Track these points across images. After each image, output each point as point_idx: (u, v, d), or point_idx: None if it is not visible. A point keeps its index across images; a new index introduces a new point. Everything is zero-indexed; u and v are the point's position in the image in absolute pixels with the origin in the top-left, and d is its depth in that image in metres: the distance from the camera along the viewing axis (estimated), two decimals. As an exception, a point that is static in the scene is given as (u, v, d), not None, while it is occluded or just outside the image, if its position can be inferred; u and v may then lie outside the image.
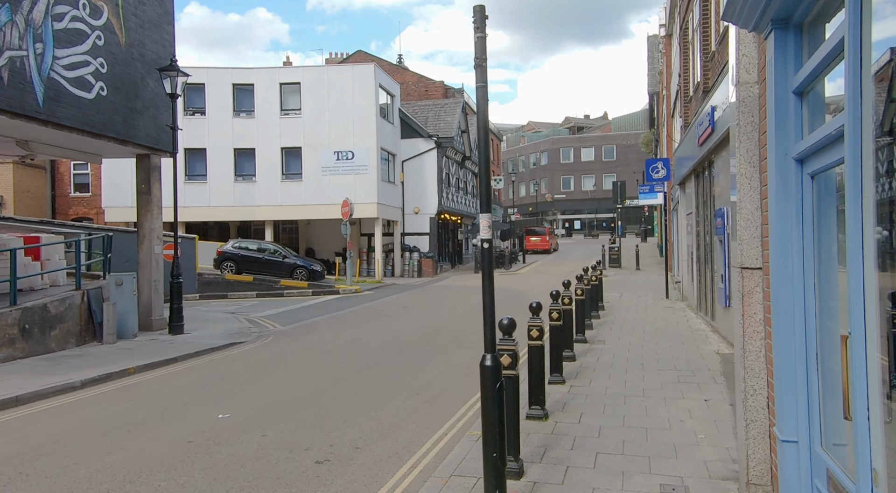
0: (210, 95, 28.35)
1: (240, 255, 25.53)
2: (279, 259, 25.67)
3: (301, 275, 25.30)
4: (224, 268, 25.19)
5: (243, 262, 25.29)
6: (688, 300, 16.99)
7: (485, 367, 4.30)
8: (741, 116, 4.35)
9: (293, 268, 25.46)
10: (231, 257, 25.43)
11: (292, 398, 8.00)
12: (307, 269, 25.51)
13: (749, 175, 4.33)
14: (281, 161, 28.69)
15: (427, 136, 32.23)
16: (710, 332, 12.25)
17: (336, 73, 28.52)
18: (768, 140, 3.79)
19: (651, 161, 18.22)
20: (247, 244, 26.26)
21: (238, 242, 26.45)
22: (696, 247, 15.11)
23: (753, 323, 4.29)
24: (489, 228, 4.28)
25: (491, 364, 4.29)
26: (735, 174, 4.49)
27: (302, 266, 25.58)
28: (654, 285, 22.38)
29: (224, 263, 25.33)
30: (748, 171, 4.34)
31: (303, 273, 25.34)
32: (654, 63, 41.77)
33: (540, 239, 46.57)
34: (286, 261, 25.67)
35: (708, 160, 12.98)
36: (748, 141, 4.33)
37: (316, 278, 25.45)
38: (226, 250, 25.80)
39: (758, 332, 4.28)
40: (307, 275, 25.32)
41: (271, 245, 26.70)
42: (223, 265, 25.29)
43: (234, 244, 26.14)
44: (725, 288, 10.96)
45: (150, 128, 13.55)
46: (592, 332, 12.36)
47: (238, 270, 25.16)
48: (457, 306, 18.87)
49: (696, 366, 9.19)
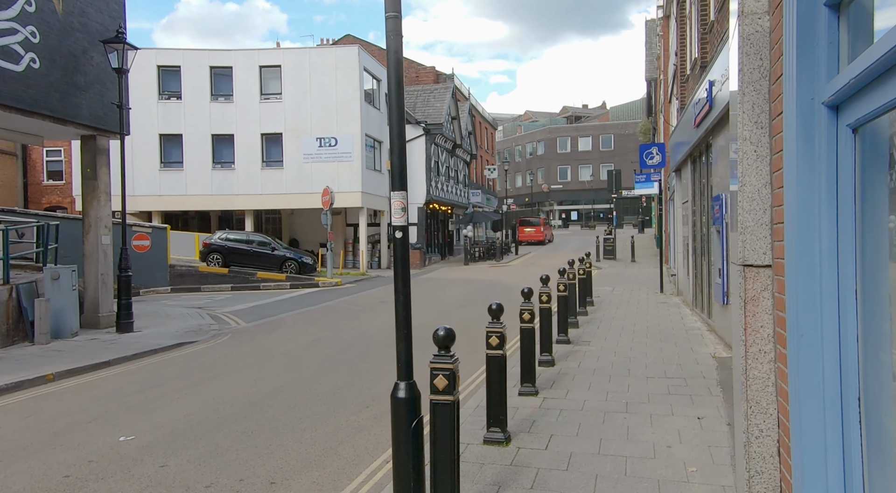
0: (186, 79, 27.10)
1: (227, 247, 24.30)
2: (268, 251, 24.44)
3: (291, 268, 24.09)
4: (211, 261, 24.00)
5: (230, 254, 24.07)
6: (683, 295, 15.89)
7: (397, 400, 3.18)
8: (746, 59, 3.21)
9: (282, 261, 24.25)
10: (218, 249, 24.21)
11: (218, 414, 6.88)
12: (297, 261, 24.31)
13: (755, 140, 3.20)
14: (261, 148, 27.49)
15: (415, 122, 31.01)
16: (707, 331, 11.15)
17: (318, 56, 27.26)
18: (786, 83, 2.64)
19: (645, 146, 17.06)
20: (234, 236, 25.01)
21: (225, 234, 25.23)
22: (692, 238, 13.99)
23: (759, 340, 3.17)
24: (403, 212, 3.14)
25: (405, 396, 3.17)
26: (736, 142, 3.36)
27: (292, 259, 24.36)
28: (649, 279, 21.28)
29: (210, 255, 24.13)
30: (754, 134, 3.20)
31: (293, 266, 24.14)
32: (652, 48, 40.56)
33: (534, 230, 45.45)
34: (275, 253, 24.44)
35: (705, 143, 11.84)
36: (754, 93, 3.19)
37: (307, 271, 24.27)
38: (213, 241, 24.59)
39: (765, 352, 3.16)
40: (297, 268, 24.13)
41: (260, 236, 25.51)
42: (209, 258, 24.09)
43: (221, 236, 24.92)
44: (723, 284, 9.84)
45: (94, 106, 12.36)
46: (577, 331, 11.26)
47: (225, 262, 23.98)
48: (437, 300, 17.77)
49: (690, 372, 8.09)
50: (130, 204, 27.17)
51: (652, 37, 40.63)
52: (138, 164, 26.86)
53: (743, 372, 3.22)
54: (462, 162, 39.45)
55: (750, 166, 3.21)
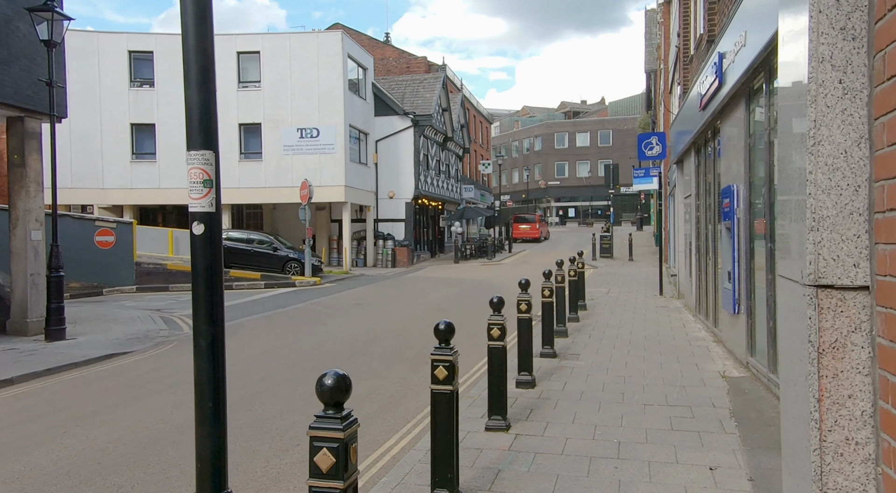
0: (159, 65, 25.62)
1: (226, 247, 22.70)
2: (269, 251, 22.73)
3: (294, 269, 22.39)
4: None
5: (229, 254, 22.16)
6: (685, 298, 14.51)
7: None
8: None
9: (285, 261, 22.56)
10: None
11: (102, 458, 5.47)
12: (301, 262, 22.54)
13: (840, 60, 1.79)
14: (239, 139, 26.03)
15: (403, 113, 29.56)
16: (713, 342, 9.76)
17: (299, 42, 25.79)
18: None
19: (644, 136, 15.64)
20: (236, 235, 23.24)
21: (226, 233, 23.73)
22: (696, 236, 12.60)
23: (848, 423, 1.77)
24: (206, 191, 1.73)
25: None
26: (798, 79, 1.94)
27: (295, 259, 22.61)
28: (648, 279, 19.90)
29: None
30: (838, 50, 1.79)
31: (296, 267, 22.43)
32: (652, 39, 39.23)
33: (529, 227, 44.04)
34: (277, 253, 22.69)
35: (712, 128, 10.44)
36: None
37: (312, 272, 22.55)
38: None
39: (856, 443, 1.76)
40: (301, 269, 22.42)
41: (260, 235, 23.78)
42: None
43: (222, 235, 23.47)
44: (734, 290, 8.47)
45: (21, 84, 10.91)
46: (566, 342, 9.87)
47: (225, 263, 22.47)
48: (418, 302, 16.38)
49: (697, 398, 6.69)
50: (100, 198, 25.76)
51: (652, 27, 39.33)
52: (108, 155, 25.42)
53: (816, 476, 1.81)
54: (454, 156, 37.99)
55: (830, 110, 1.79)
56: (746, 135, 7.85)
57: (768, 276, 6.80)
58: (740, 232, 8.14)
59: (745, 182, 7.91)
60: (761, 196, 7.16)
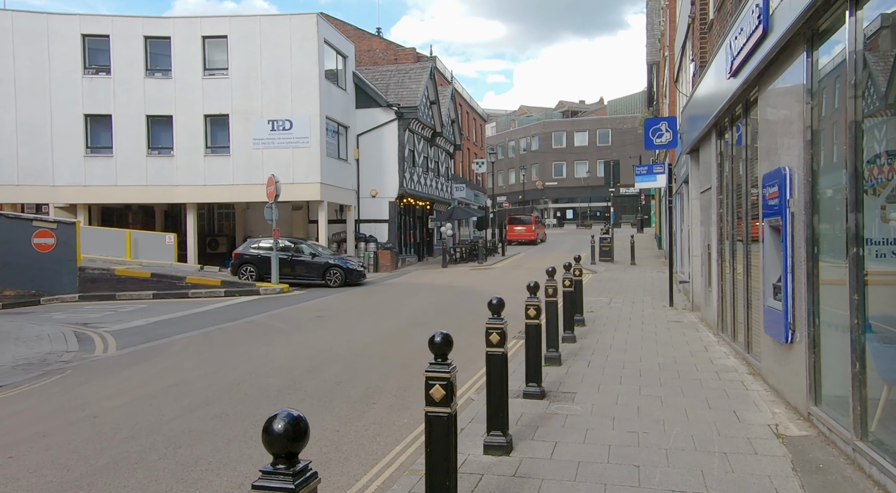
0: (116, 50, 23.37)
1: (260, 256, 20.33)
2: (307, 258, 20.43)
3: (335, 277, 19.95)
4: (243, 273, 20.14)
5: (263, 264, 20.09)
6: (701, 311, 12.30)
7: None
8: None
9: (325, 268, 20.18)
10: (250, 261, 20.30)
11: None
12: (342, 268, 20.16)
13: None
14: (204, 131, 23.78)
15: (386, 105, 27.32)
16: (748, 375, 7.55)
17: (270, 25, 23.55)
18: None
19: (652, 121, 13.43)
20: (268, 243, 20.57)
21: (255, 242, 21.14)
22: (718, 237, 10.39)
23: None
24: None
25: None
26: None
27: (336, 265, 20.22)
28: (653, 286, 17.71)
29: (242, 267, 20.25)
30: None
31: (337, 274, 20.04)
32: (654, 30, 37.24)
33: (525, 229, 41.84)
34: (316, 260, 20.39)
35: (744, 100, 8.23)
36: None
37: (353, 278, 20.24)
38: (241, 252, 20.74)
39: None
40: (342, 276, 20.03)
41: (296, 241, 21.31)
42: (241, 270, 20.22)
43: (254, 244, 20.91)
44: (785, 312, 6.25)
45: None
46: (559, 371, 7.68)
47: (259, 275, 20.09)
48: (391, 313, 14.16)
49: (749, 480, 4.48)
50: (50, 196, 23.54)
51: (654, 18, 37.36)
52: (60, 149, 23.16)
53: None
54: (444, 153, 35.75)
55: None
56: (807, 96, 5.66)
57: (854, 296, 4.60)
58: (795, 232, 5.94)
59: (804, 164, 5.71)
60: (839, 182, 4.95)
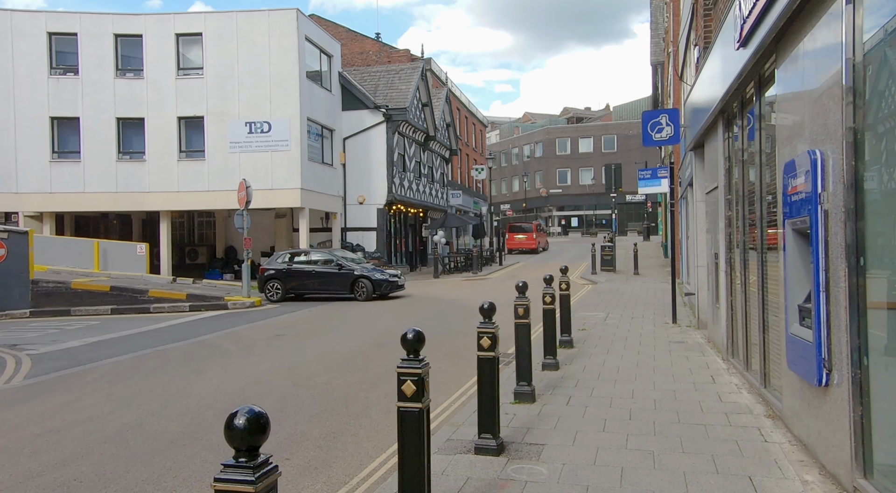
0: (85, 49, 22.10)
1: (286, 271, 18.60)
2: (334, 270, 18.54)
3: (363, 290, 18.17)
4: (270, 291, 18.45)
5: (289, 278, 18.50)
6: (708, 330, 10.70)
7: None
8: None
9: (354, 280, 18.25)
10: (276, 276, 18.56)
11: None
12: (371, 280, 18.24)
13: None
14: (178, 134, 22.44)
15: (374, 106, 25.90)
16: (766, 418, 5.96)
17: (248, 22, 22.21)
18: None
19: (650, 114, 11.89)
20: (294, 255, 19.15)
21: (281, 256, 19.24)
22: (726, 245, 8.81)
23: None
24: None
25: None
26: None
27: (365, 277, 18.21)
28: (656, 299, 16.12)
29: (268, 283, 18.49)
30: None
31: (365, 286, 18.19)
32: (658, 29, 35.83)
33: (525, 237, 40.32)
34: (342, 271, 18.44)
35: (756, 76, 6.68)
36: None
37: (385, 289, 18.35)
38: (267, 266, 18.94)
39: None
40: (371, 288, 18.15)
41: (321, 253, 19.50)
42: (268, 287, 18.49)
43: (281, 259, 19.03)
44: (819, 342, 4.65)
45: None
46: (531, 410, 6.15)
47: (285, 293, 18.47)
48: (358, 332, 12.63)
49: None
50: (14, 204, 22.20)
51: (658, 17, 35.97)
52: (24, 154, 21.85)
53: None
54: (439, 158, 34.28)
55: None
56: (848, 52, 4.11)
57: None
58: (830, 236, 4.36)
59: (844, 143, 4.14)
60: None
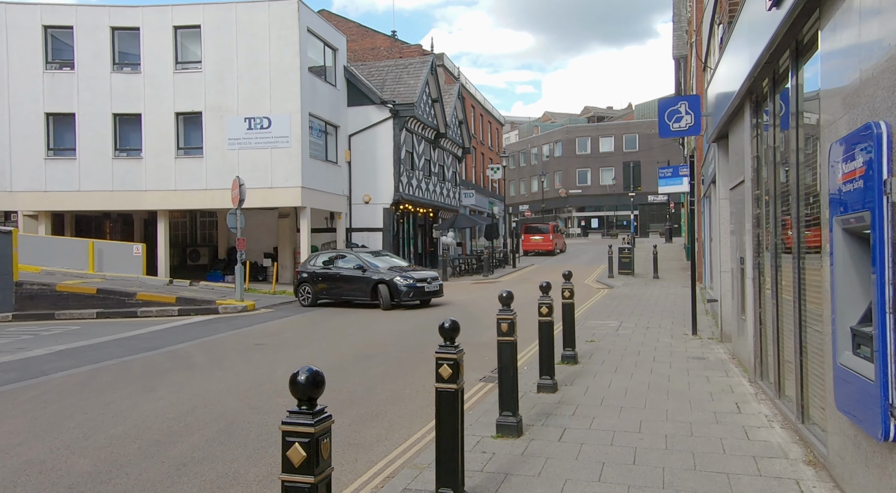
0: (80, 43, 21.38)
1: (316, 274, 17.41)
2: (357, 273, 16.95)
3: (384, 297, 16.43)
4: (302, 294, 17.50)
5: (317, 282, 17.33)
6: (732, 344, 9.46)
7: None
8: None
9: (375, 284, 16.55)
10: (307, 280, 17.47)
11: None
12: (389, 285, 16.45)
13: None
14: (176, 131, 21.61)
15: (380, 102, 24.88)
16: (805, 464, 4.78)
17: (247, 13, 21.31)
18: None
19: (667, 102, 10.67)
20: (326, 256, 17.98)
21: (317, 257, 18.09)
22: (754, 248, 7.58)
23: None
24: None
25: None
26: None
27: (383, 282, 16.49)
28: (676, 306, 14.85)
29: (301, 287, 17.54)
30: None
31: (384, 294, 16.44)
32: (680, 21, 34.36)
33: (542, 238, 38.98)
34: (365, 275, 16.80)
35: (794, 43, 5.48)
36: None
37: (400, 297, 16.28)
38: (301, 269, 17.97)
39: None
40: (389, 294, 16.36)
41: (345, 253, 18.22)
42: (300, 291, 17.56)
43: (313, 261, 17.94)
44: (883, 384, 3.46)
45: None
46: (515, 449, 5.01)
47: (315, 298, 17.37)
48: (344, 343, 11.58)
49: None
50: (7, 202, 21.56)
51: (680, 9, 34.53)
52: (18, 151, 21.20)
53: None
54: (451, 156, 33.18)
55: None
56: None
57: None
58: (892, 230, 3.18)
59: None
60: None
